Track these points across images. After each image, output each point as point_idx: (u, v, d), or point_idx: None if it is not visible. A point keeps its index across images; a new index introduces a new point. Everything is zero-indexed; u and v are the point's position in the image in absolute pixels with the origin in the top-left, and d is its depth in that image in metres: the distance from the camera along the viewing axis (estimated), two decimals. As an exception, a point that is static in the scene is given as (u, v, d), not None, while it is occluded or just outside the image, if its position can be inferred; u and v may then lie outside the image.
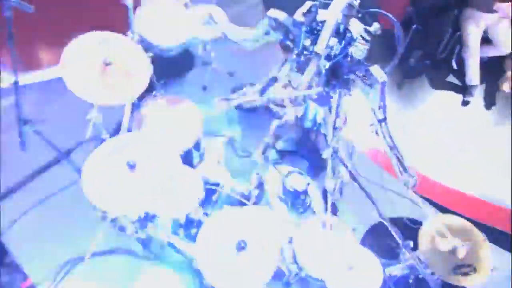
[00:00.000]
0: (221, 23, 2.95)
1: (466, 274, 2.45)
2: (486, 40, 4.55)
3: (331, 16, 2.29)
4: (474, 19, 4.43)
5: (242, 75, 3.82)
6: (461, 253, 2.45)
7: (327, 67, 2.69)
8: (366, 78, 2.55)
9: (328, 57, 2.63)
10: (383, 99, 2.57)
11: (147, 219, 2.44)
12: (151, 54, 2.79)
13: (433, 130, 4.25)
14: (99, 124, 2.49)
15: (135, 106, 3.07)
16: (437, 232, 2.48)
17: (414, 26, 4.60)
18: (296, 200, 3.43)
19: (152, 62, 3.43)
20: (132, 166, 2.03)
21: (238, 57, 4.18)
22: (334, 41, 2.55)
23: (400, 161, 2.65)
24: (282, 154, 3.78)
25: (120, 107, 2.92)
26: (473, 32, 4.46)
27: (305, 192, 3.39)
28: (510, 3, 4.27)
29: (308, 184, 3.34)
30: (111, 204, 1.99)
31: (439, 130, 4.26)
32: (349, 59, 2.57)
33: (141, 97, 3.09)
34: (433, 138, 4.12)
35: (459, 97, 4.66)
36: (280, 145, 3.76)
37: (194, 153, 3.04)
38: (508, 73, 4.64)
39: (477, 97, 4.65)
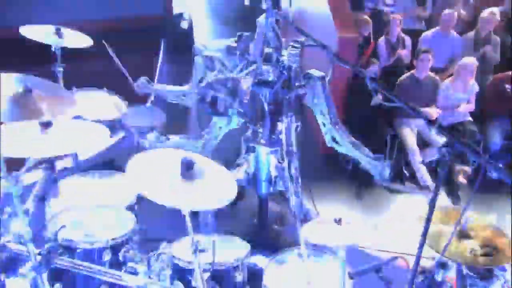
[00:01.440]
0: (156, 85, 3.16)
1: (487, 254, 2.06)
2: (426, 144, 5.07)
3: (260, 24, 2.62)
4: (407, 124, 5.05)
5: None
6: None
7: (267, 96, 2.85)
8: (306, 83, 2.72)
9: (266, 85, 2.82)
10: (329, 99, 2.67)
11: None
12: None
13: (405, 232, 4.15)
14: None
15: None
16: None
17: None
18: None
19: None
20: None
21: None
22: (269, 69, 2.81)
23: (368, 155, 2.56)
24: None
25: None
26: (409, 135, 5.00)
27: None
28: (432, 107, 5.03)
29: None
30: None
31: (413, 230, 4.17)
32: (285, 72, 2.77)
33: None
34: (406, 238, 4.04)
35: (422, 198, 4.76)
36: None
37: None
38: (457, 168, 4.98)
39: (442, 195, 4.80)
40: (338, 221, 1.92)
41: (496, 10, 5.53)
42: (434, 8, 6.17)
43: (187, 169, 1.67)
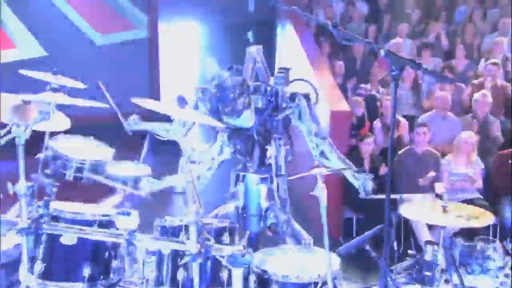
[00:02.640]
0: (145, 123, 3.64)
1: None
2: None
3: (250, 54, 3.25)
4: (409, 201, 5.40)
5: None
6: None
7: (256, 123, 3.34)
8: (292, 103, 3.22)
9: (255, 112, 3.33)
10: (314, 116, 3.15)
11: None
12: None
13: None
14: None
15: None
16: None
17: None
18: None
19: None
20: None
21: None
22: (258, 97, 3.36)
23: (352, 169, 2.92)
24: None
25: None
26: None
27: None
28: (438, 183, 5.44)
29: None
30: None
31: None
32: (273, 99, 3.29)
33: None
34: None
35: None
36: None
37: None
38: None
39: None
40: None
41: (487, 92, 6.32)
42: (429, 94, 6.97)
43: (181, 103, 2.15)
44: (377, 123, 6.28)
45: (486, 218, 2.94)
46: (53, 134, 3.62)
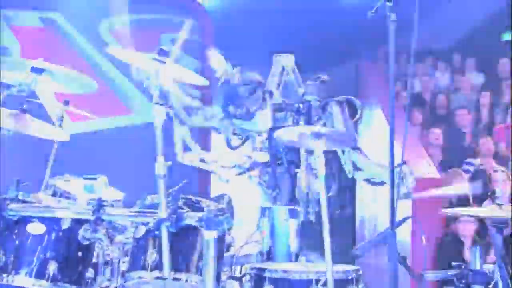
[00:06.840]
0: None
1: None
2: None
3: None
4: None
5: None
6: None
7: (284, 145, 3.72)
8: (324, 112, 3.58)
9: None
10: (348, 123, 3.47)
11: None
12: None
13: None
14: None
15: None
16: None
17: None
18: None
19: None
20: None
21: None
22: (288, 114, 3.79)
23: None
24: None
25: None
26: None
27: None
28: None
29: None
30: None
31: None
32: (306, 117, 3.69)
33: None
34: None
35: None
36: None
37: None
38: None
39: None
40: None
41: None
42: None
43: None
44: (487, 204, 6.30)
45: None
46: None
